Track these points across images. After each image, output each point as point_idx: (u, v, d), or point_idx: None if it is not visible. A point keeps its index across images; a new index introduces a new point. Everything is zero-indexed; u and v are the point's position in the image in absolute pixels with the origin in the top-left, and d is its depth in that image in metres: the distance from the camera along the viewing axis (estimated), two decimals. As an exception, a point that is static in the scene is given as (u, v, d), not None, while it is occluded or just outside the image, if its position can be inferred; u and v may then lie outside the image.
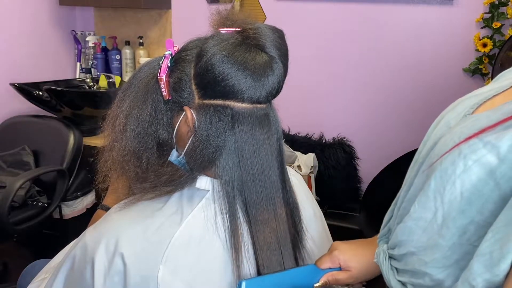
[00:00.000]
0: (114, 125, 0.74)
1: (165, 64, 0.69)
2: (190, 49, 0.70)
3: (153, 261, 0.66)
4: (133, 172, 0.73)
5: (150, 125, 0.71)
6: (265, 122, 0.69)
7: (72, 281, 0.71)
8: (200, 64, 0.65)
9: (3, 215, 1.67)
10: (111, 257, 0.67)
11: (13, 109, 2.29)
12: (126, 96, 0.74)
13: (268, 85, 0.66)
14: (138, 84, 0.73)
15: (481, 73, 1.84)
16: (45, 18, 2.47)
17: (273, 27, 0.68)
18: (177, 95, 0.69)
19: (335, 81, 2.13)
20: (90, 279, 0.68)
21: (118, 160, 0.73)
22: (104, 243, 0.68)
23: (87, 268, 0.69)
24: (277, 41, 0.67)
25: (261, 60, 0.65)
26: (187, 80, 0.68)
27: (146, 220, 0.69)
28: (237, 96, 0.65)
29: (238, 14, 0.71)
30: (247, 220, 0.70)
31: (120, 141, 0.72)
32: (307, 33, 2.11)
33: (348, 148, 2.05)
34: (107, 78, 2.40)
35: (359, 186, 2.11)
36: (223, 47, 0.64)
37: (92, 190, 2.20)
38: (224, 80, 0.64)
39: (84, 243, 0.71)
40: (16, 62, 2.33)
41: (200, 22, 2.30)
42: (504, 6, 1.75)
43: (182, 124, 0.70)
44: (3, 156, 2.05)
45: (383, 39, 2.00)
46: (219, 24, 0.70)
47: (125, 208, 0.72)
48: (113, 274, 0.67)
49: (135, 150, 0.72)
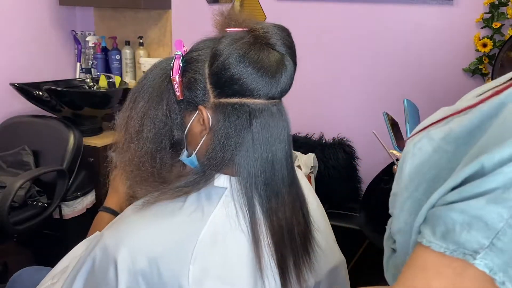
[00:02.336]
0: (127, 126, 0.74)
1: (177, 64, 0.71)
2: (201, 49, 0.72)
3: (182, 261, 0.67)
4: (149, 173, 0.74)
5: (165, 125, 0.73)
6: (279, 117, 0.72)
7: (93, 282, 0.71)
8: (217, 63, 0.67)
9: (3, 215, 1.67)
10: (134, 258, 0.67)
11: (13, 109, 2.29)
12: (139, 97, 0.74)
13: (282, 81, 0.69)
14: (151, 84, 0.74)
15: (481, 73, 1.84)
16: (45, 18, 2.47)
17: (280, 26, 0.71)
18: (190, 94, 0.71)
19: (335, 81, 2.13)
20: (113, 280, 0.68)
21: (135, 161, 0.74)
22: (126, 243, 0.68)
23: (109, 269, 0.68)
24: (286, 39, 0.70)
25: (274, 58, 0.68)
26: (202, 80, 0.70)
27: (168, 219, 0.70)
28: (254, 93, 0.68)
29: (240, 14, 0.74)
30: (264, 214, 0.72)
31: (137, 142, 0.73)
32: (307, 33, 2.11)
33: (348, 148, 2.05)
34: (107, 78, 2.39)
35: (359, 186, 2.11)
36: (239, 47, 0.67)
37: (92, 190, 2.19)
38: (242, 78, 0.66)
39: (104, 244, 0.70)
40: (16, 62, 2.33)
41: (200, 22, 2.30)
42: (504, 6, 1.75)
43: (195, 123, 0.72)
44: (3, 156, 2.05)
45: (383, 39, 2.00)
46: (223, 25, 0.73)
47: (143, 208, 0.72)
48: (137, 274, 0.67)
49: (152, 151, 0.73)
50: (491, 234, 0.39)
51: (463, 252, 0.41)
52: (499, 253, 0.39)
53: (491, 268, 0.40)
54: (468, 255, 0.40)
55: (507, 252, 0.39)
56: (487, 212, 0.40)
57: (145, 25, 2.53)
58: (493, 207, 0.39)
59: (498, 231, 0.39)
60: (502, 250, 0.39)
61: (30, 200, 1.90)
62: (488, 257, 0.40)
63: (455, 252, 0.41)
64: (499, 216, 0.39)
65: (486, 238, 0.40)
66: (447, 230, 0.42)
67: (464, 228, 0.41)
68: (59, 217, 2.07)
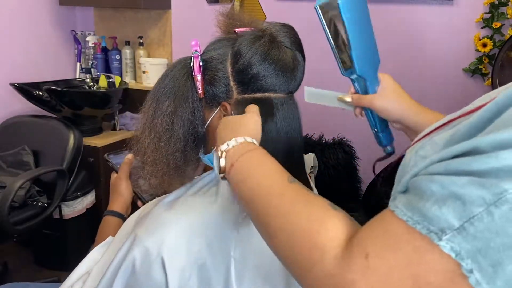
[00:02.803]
0: (154, 126, 0.75)
1: (197, 63, 0.74)
2: (218, 48, 0.75)
3: (225, 249, 0.70)
4: (176, 170, 0.76)
5: (192, 123, 0.76)
6: (295, 108, 0.79)
7: (134, 284, 0.71)
8: (242, 61, 0.72)
9: (3, 215, 1.67)
10: (180, 254, 0.68)
11: (13, 109, 2.29)
12: (163, 97, 0.76)
13: (298, 76, 0.77)
14: (175, 84, 0.76)
15: (481, 73, 1.84)
16: (45, 18, 2.47)
17: (287, 24, 0.77)
18: (212, 92, 0.75)
19: (335, 81, 2.13)
20: (160, 280, 0.69)
21: (166, 159, 0.75)
22: (167, 243, 0.69)
23: (154, 269, 0.69)
24: (295, 37, 0.77)
25: (290, 56, 0.74)
26: (224, 78, 0.74)
27: (207, 211, 0.72)
28: (276, 88, 0.74)
29: (242, 14, 0.78)
30: None
31: (166, 141, 0.75)
32: (306, 33, 2.11)
33: (348, 148, 2.05)
34: (107, 78, 2.39)
35: (359, 186, 2.11)
36: (261, 46, 0.72)
37: (92, 190, 2.20)
38: (266, 76, 0.72)
39: (143, 247, 0.70)
40: (16, 62, 2.34)
41: (200, 22, 2.30)
42: (504, 6, 1.75)
43: (215, 121, 0.75)
44: (3, 156, 2.05)
45: (383, 39, 2.00)
46: (228, 25, 0.77)
47: (174, 205, 0.74)
48: (185, 269, 0.69)
49: (182, 148, 0.75)
50: (465, 217, 0.35)
51: (428, 228, 0.37)
52: (470, 239, 0.35)
53: (457, 252, 0.35)
54: (433, 232, 0.37)
55: (480, 240, 0.35)
56: (468, 192, 0.36)
57: (145, 25, 2.53)
58: (477, 190, 0.35)
59: (474, 216, 0.35)
60: (474, 237, 0.35)
61: (30, 200, 1.90)
62: (456, 240, 0.36)
63: (418, 225, 0.37)
64: (481, 199, 0.35)
65: (457, 219, 0.36)
66: (419, 200, 0.39)
67: (436, 202, 0.37)
68: (59, 217, 2.07)
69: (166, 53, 2.50)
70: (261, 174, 0.55)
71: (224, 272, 0.70)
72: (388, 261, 0.38)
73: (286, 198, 0.50)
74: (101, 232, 0.92)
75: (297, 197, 0.50)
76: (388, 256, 0.38)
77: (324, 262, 0.42)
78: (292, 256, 0.46)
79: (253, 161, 0.58)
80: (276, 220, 0.49)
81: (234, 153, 0.59)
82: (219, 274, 0.70)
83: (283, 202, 0.50)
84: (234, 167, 0.58)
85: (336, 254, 0.41)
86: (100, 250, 0.83)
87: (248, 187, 0.55)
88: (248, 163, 0.58)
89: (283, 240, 0.47)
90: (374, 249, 0.39)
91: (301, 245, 0.45)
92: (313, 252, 0.43)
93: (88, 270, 0.79)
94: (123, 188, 0.95)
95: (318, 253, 0.43)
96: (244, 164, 0.57)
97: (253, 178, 0.55)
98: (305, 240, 0.44)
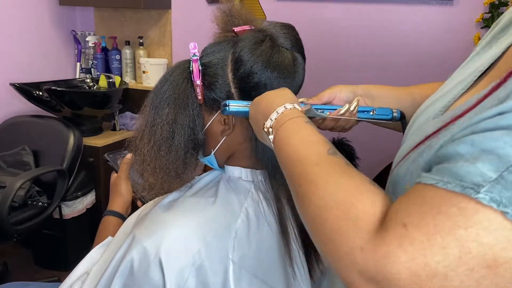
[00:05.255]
0: (153, 133, 0.73)
1: (197, 67, 0.72)
2: (217, 52, 0.73)
3: (223, 251, 0.70)
4: (175, 175, 0.75)
5: (192, 130, 0.74)
6: None
7: (132, 285, 0.71)
8: (243, 69, 0.70)
9: (3, 215, 1.67)
10: (178, 254, 0.68)
11: (13, 109, 2.29)
12: (162, 104, 0.74)
13: (299, 79, 0.76)
14: (174, 90, 0.74)
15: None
16: (45, 18, 2.47)
17: (287, 24, 0.74)
18: (212, 97, 0.73)
19: (335, 81, 2.13)
20: (158, 280, 0.68)
21: (166, 167, 0.74)
22: (166, 243, 0.68)
23: (152, 270, 0.68)
24: (297, 38, 0.75)
25: (291, 59, 0.73)
26: (225, 84, 0.72)
27: (205, 213, 0.72)
28: None
29: (242, 11, 0.75)
30: (289, 204, 0.76)
31: (167, 149, 0.73)
32: (306, 33, 2.11)
33: (348, 148, 2.05)
34: (107, 78, 2.39)
35: (359, 186, 2.11)
36: (263, 53, 0.70)
37: (92, 190, 2.20)
38: (268, 83, 0.70)
39: (142, 248, 0.69)
40: (16, 62, 2.34)
41: (200, 22, 2.30)
42: (504, 6, 1.74)
43: (215, 124, 0.74)
44: (3, 156, 2.05)
45: (383, 39, 2.00)
46: (227, 23, 0.74)
47: (173, 206, 0.73)
48: (184, 270, 0.68)
49: (183, 157, 0.74)
50: (503, 167, 0.34)
51: (461, 185, 0.35)
52: (510, 186, 0.33)
53: (499, 202, 0.34)
54: (468, 188, 0.35)
55: None
56: (503, 143, 0.34)
57: (145, 25, 2.53)
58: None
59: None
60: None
61: (30, 200, 1.90)
62: (495, 190, 0.34)
63: (450, 185, 0.36)
64: None
65: (494, 171, 0.34)
66: (448, 164, 0.37)
67: (467, 160, 0.35)
68: (59, 217, 2.07)
69: (166, 53, 2.50)
70: (300, 142, 0.55)
71: (222, 274, 0.69)
72: (427, 228, 0.36)
73: (321, 168, 0.49)
74: (101, 232, 0.92)
75: (332, 168, 0.49)
76: (427, 222, 0.36)
77: (356, 236, 0.40)
78: (321, 227, 0.44)
79: (296, 127, 0.57)
80: (309, 188, 0.48)
81: (281, 119, 0.59)
82: (217, 276, 0.69)
83: (317, 171, 0.48)
84: (278, 132, 0.57)
85: (369, 229, 0.39)
86: (99, 250, 0.82)
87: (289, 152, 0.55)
88: (290, 130, 0.57)
89: (315, 210, 0.45)
90: (410, 219, 0.37)
91: (333, 215, 0.43)
92: (345, 224, 0.41)
93: (87, 270, 0.79)
94: (123, 188, 0.95)
95: (350, 225, 0.41)
96: (288, 127, 0.57)
97: (292, 145, 0.55)
98: (339, 211, 0.43)
